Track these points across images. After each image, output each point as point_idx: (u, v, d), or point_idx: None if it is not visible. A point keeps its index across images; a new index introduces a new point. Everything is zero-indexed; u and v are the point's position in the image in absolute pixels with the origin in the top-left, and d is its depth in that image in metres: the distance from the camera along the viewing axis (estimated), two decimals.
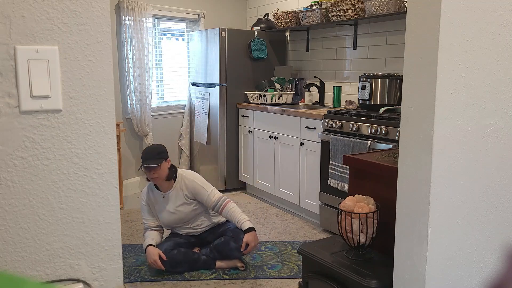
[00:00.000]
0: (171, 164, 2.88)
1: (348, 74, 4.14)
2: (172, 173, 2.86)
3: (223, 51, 4.39)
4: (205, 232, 2.97)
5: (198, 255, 2.84)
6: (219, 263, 2.84)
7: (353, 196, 1.76)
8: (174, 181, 2.87)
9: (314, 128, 3.55)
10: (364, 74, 3.47)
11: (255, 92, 4.46)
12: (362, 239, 1.69)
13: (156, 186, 2.88)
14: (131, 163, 4.64)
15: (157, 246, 2.80)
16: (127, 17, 4.29)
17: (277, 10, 4.53)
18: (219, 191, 2.99)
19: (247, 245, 2.77)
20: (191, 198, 2.86)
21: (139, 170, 2.86)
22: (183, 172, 2.93)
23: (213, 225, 2.97)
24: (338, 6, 3.68)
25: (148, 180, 2.87)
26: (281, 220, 3.80)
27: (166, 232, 3.05)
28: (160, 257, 2.72)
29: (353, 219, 1.67)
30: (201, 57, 4.72)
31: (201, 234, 2.97)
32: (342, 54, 4.17)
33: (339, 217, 1.72)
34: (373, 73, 3.43)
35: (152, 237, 2.85)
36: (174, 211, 2.85)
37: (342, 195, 3.20)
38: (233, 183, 4.67)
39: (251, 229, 2.81)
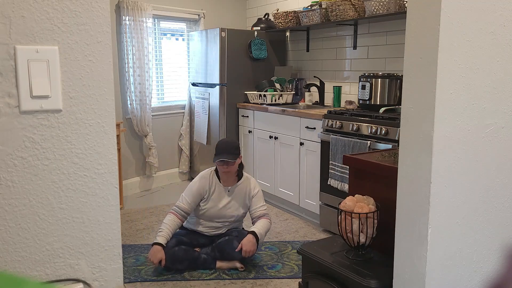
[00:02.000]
0: (241, 161, 2.97)
1: (348, 74, 4.14)
2: (241, 170, 2.98)
3: (223, 51, 4.39)
4: (218, 236, 2.98)
5: (199, 254, 2.84)
6: (219, 263, 2.84)
7: (353, 196, 1.76)
8: (238, 179, 2.96)
9: (314, 128, 3.55)
10: (364, 74, 3.47)
11: (255, 92, 4.46)
12: (362, 239, 1.69)
13: (217, 176, 2.93)
14: (131, 163, 4.64)
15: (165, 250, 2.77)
16: (127, 17, 4.29)
17: (277, 10, 4.53)
18: None
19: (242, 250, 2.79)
20: (247, 203, 2.96)
21: (214, 162, 2.85)
22: (248, 175, 3.06)
23: (231, 227, 3.03)
24: (338, 6, 3.68)
25: (216, 171, 2.93)
26: (281, 220, 3.80)
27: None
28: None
29: (353, 219, 1.67)
30: (201, 57, 4.72)
31: (213, 236, 2.98)
32: (342, 54, 4.17)
33: (339, 217, 1.72)
34: (373, 73, 3.43)
35: (168, 230, 2.79)
36: (229, 206, 2.91)
37: (342, 195, 3.20)
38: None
39: (252, 233, 2.80)
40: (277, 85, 4.49)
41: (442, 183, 1.28)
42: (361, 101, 3.50)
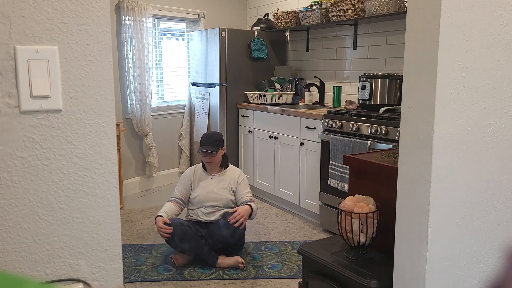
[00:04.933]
0: (225, 153, 3.15)
1: (348, 74, 4.14)
2: (225, 161, 3.16)
3: (223, 51, 4.39)
4: (212, 225, 3.03)
5: (204, 243, 2.90)
6: (220, 260, 2.84)
7: (353, 196, 1.76)
8: (224, 169, 3.14)
9: (314, 128, 3.55)
10: (364, 74, 3.47)
11: (255, 92, 4.46)
12: (362, 239, 1.69)
13: (204, 167, 3.15)
14: (131, 163, 4.64)
15: (172, 221, 2.91)
16: (127, 17, 4.29)
17: (277, 10, 4.53)
18: None
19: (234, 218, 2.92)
20: (233, 190, 3.10)
21: (197, 153, 3.11)
22: (235, 167, 3.23)
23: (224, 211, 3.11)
24: (338, 6, 3.68)
25: (203, 162, 3.15)
26: (281, 220, 3.80)
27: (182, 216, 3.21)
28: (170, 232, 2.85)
29: (353, 219, 1.67)
30: (201, 57, 4.72)
31: (210, 224, 3.04)
32: (342, 54, 4.17)
33: (339, 217, 1.72)
34: (373, 73, 3.43)
35: (166, 208, 3.02)
36: (215, 191, 3.06)
37: (342, 195, 3.20)
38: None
39: (247, 204, 3.01)
40: (277, 85, 4.49)
41: (442, 183, 1.28)
42: (361, 101, 3.50)
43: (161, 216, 2.92)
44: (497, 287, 0.47)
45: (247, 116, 4.44)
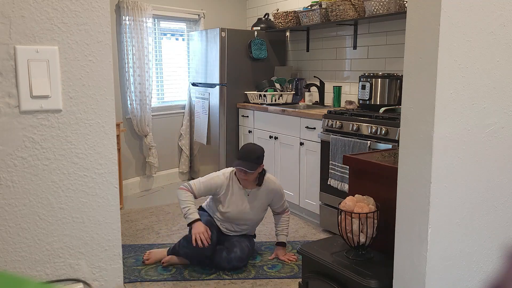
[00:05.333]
0: (263, 169, 2.87)
1: (348, 74, 4.14)
2: (262, 178, 2.86)
3: (223, 51, 4.39)
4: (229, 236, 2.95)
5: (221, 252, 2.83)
6: None
7: (353, 196, 1.76)
8: (259, 186, 2.87)
9: (314, 128, 3.55)
10: (364, 74, 3.47)
11: (255, 92, 4.46)
12: (362, 239, 1.69)
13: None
14: (131, 163, 4.64)
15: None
16: (127, 17, 4.29)
17: (277, 10, 4.53)
18: None
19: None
20: (268, 202, 2.92)
21: (233, 168, 2.77)
22: (276, 179, 2.97)
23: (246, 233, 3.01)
24: (338, 6, 3.68)
25: (236, 174, 2.84)
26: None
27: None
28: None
29: (353, 219, 1.67)
30: (201, 57, 4.72)
31: (225, 234, 2.96)
32: (342, 54, 4.17)
33: (339, 217, 1.72)
34: (373, 73, 3.43)
35: (194, 206, 2.76)
36: (249, 211, 2.85)
37: (342, 195, 3.20)
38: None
39: (282, 244, 2.98)
40: (277, 85, 4.49)
41: (442, 183, 1.28)
42: (361, 101, 3.50)
43: (200, 220, 2.72)
44: (497, 287, 0.47)
45: (247, 116, 4.44)
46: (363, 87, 3.42)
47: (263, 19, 4.78)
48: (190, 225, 2.71)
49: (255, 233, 3.12)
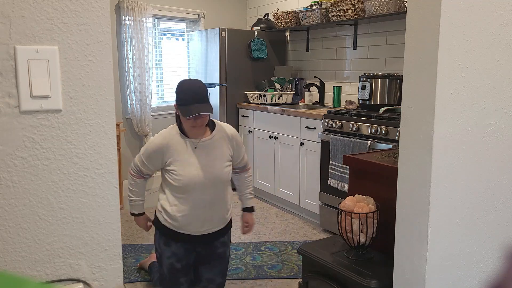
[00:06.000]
0: None
1: (348, 74, 4.13)
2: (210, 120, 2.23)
3: (223, 51, 4.39)
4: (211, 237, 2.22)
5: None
6: None
7: (353, 196, 1.76)
8: (211, 131, 2.19)
9: (314, 128, 3.55)
10: (364, 74, 3.47)
11: (255, 92, 4.46)
12: (362, 239, 1.69)
13: (181, 130, 2.14)
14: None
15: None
16: (127, 17, 4.29)
17: (277, 10, 4.53)
18: None
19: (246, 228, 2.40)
20: (230, 152, 2.25)
21: (186, 118, 2.03)
22: (217, 121, 2.31)
23: (224, 222, 2.23)
24: (338, 6, 3.68)
25: (179, 125, 2.17)
26: (281, 220, 3.79)
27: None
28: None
29: (353, 219, 1.67)
30: (201, 57, 4.72)
31: (206, 236, 2.19)
32: (342, 54, 4.17)
33: (339, 217, 1.71)
34: (373, 73, 3.43)
35: (141, 196, 2.32)
36: (209, 163, 2.13)
37: (342, 195, 3.20)
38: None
39: (252, 209, 2.41)
40: (277, 85, 4.49)
41: (442, 183, 1.28)
42: (361, 101, 3.50)
43: (140, 214, 2.30)
44: (497, 287, 0.47)
45: (247, 116, 4.44)
46: (363, 87, 3.42)
47: (263, 19, 4.78)
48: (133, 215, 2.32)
49: (231, 221, 2.31)
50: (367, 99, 3.41)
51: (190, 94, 2.05)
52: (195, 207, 2.13)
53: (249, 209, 2.43)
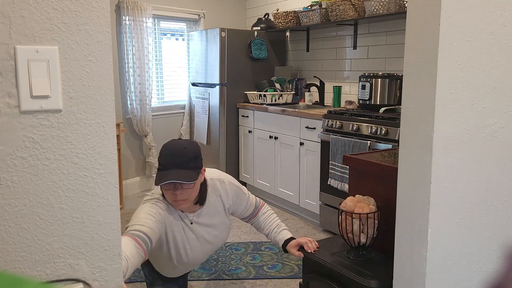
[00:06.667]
0: (204, 177, 1.85)
1: (348, 74, 4.14)
2: (204, 191, 1.84)
3: (223, 51, 4.39)
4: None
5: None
6: None
7: (354, 196, 1.76)
8: (201, 205, 1.86)
9: (314, 128, 3.55)
10: (364, 74, 3.47)
11: (255, 92, 4.46)
12: (363, 240, 1.69)
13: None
14: (131, 163, 4.64)
15: None
16: (127, 17, 4.29)
17: (277, 10, 4.53)
18: None
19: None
20: (228, 215, 1.99)
21: (157, 185, 1.69)
22: (211, 174, 1.94)
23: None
24: (338, 6, 3.68)
25: (163, 195, 1.78)
26: (281, 220, 3.79)
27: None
28: None
29: (353, 219, 1.66)
30: (201, 57, 4.72)
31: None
32: (342, 54, 4.17)
33: (340, 217, 1.71)
34: (373, 73, 3.43)
35: (128, 257, 1.53)
36: (210, 239, 1.90)
37: (342, 195, 3.20)
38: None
39: (292, 238, 1.97)
40: (277, 85, 4.49)
41: (442, 183, 1.28)
42: (361, 101, 3.50)
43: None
44: (497, 287, 0.47)
45: (247, 116, 4.44)
46: (363, 87, 3.42)
47: (263, 19, 4.78)
48: None
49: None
50: (367, 99, 3.41)
51: (168, 157, 1.70)
52: (184, 268, 2.00)
53: (290, 239, 1.96)
